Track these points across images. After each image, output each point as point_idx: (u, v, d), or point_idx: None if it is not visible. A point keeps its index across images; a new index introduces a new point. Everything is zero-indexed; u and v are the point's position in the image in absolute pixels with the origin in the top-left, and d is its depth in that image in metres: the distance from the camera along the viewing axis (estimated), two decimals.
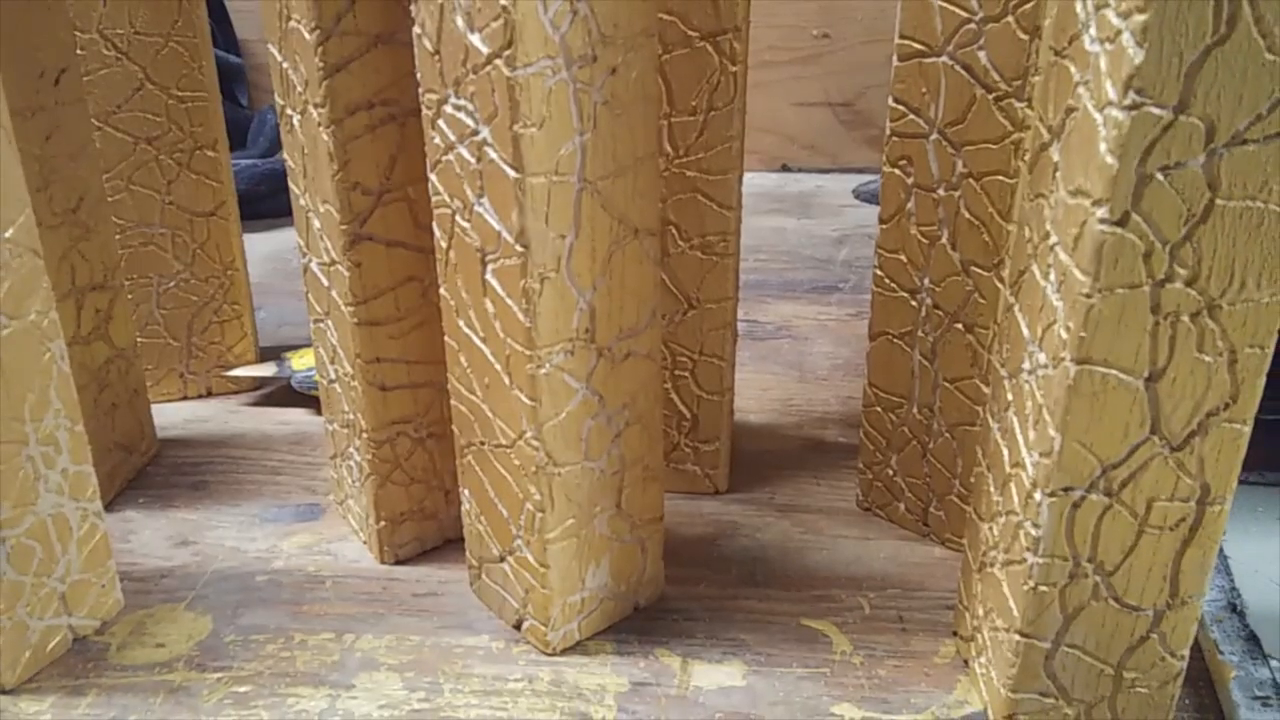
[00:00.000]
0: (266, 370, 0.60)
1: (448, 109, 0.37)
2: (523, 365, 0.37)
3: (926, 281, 0.46)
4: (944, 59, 0.43)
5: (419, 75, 0.38)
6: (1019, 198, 0.38)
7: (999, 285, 0.43)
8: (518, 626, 0.43)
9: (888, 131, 0.45)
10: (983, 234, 0.43)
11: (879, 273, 0.47)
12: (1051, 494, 0.34)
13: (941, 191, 0.44)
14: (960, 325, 0.45)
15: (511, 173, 0.35)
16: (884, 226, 0.46)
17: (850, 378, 0.63)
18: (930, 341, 0.46)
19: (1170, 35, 0.29)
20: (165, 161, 0.56)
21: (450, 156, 0.37)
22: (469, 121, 0.36)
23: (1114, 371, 0.32)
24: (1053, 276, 0.34)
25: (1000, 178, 0.42)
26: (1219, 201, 0.30)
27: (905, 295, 0.46)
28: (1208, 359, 0.32)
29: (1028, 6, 0.40)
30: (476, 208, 0.37)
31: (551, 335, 0.37)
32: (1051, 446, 0.34)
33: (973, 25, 0.42)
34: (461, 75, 0.35)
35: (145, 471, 0.54)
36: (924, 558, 0.48)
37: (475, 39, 0.34)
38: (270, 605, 0.45)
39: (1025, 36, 0.40)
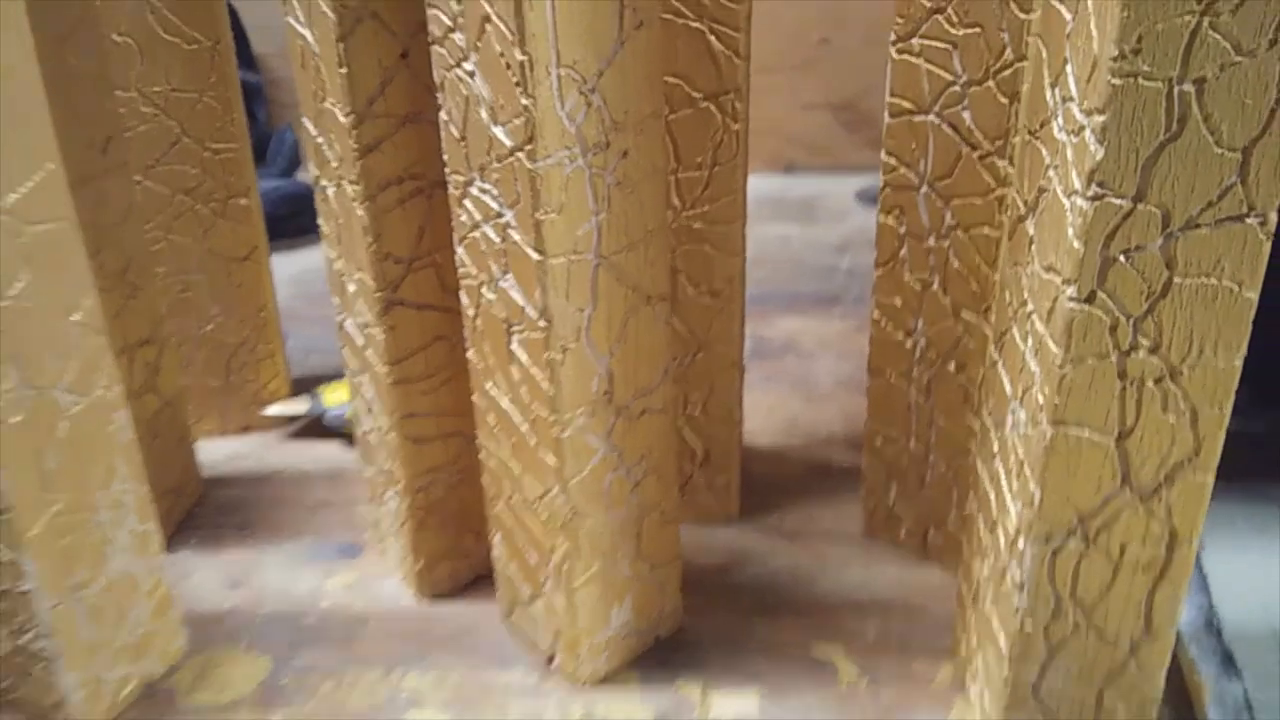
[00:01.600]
0: (300, 407, 0.63)
1: (473, 190, 0.40)
2: (548, 429, 0.41)
3: (920, 324, 0.49)
4: (931, 118, 0.46)
5: (445, 157, 0.41)
6: (1001, 262, 0.41)
7: (987, 330, 0.46)
8: (549, 661, 0.47)
9: (881, 183, 0.48)
10: (971, 283, 0.46)
11: (876, 314, 0.50)
12: (1033, 541, 0.37)
13: (932, 241, 0.47)
14: (952, 366, 0.48)
15: (534, 255, 0.38)
16: (879, 272, 0.49)
17: (852, 394, 0.66)
18: (925, 380, 0.49)
19: (1128, 134, 0.32)
20: (201, 211, 0.59)
21: (476, 234, 0.41)
22: (493, 204, 0.39)
23: (1087, 432, 0.36)
24: (1030, 342, 0.37)
25: (986, 229, 0.45)
26: (1176, 279, 0.33)
27: (901, 337, 0.50)
28: (1171, 419, 0.35)
29: (1007, 73, 0.43)
30: (501, 283, 0.40)
31: (574, 400, 0.40)
32: (1032, 499, 0.37)
33: (957, 88, 0.44)
34: (486, 162, 0.39)
35: (193, 512, 0.58)
36: (924, 581, 0.51)
37: (499, 131, 0.37)
38: (321, 645, 0.49)
39: (1005, 100, 0.43)
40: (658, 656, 0.47)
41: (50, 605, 0.42)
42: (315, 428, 0.64)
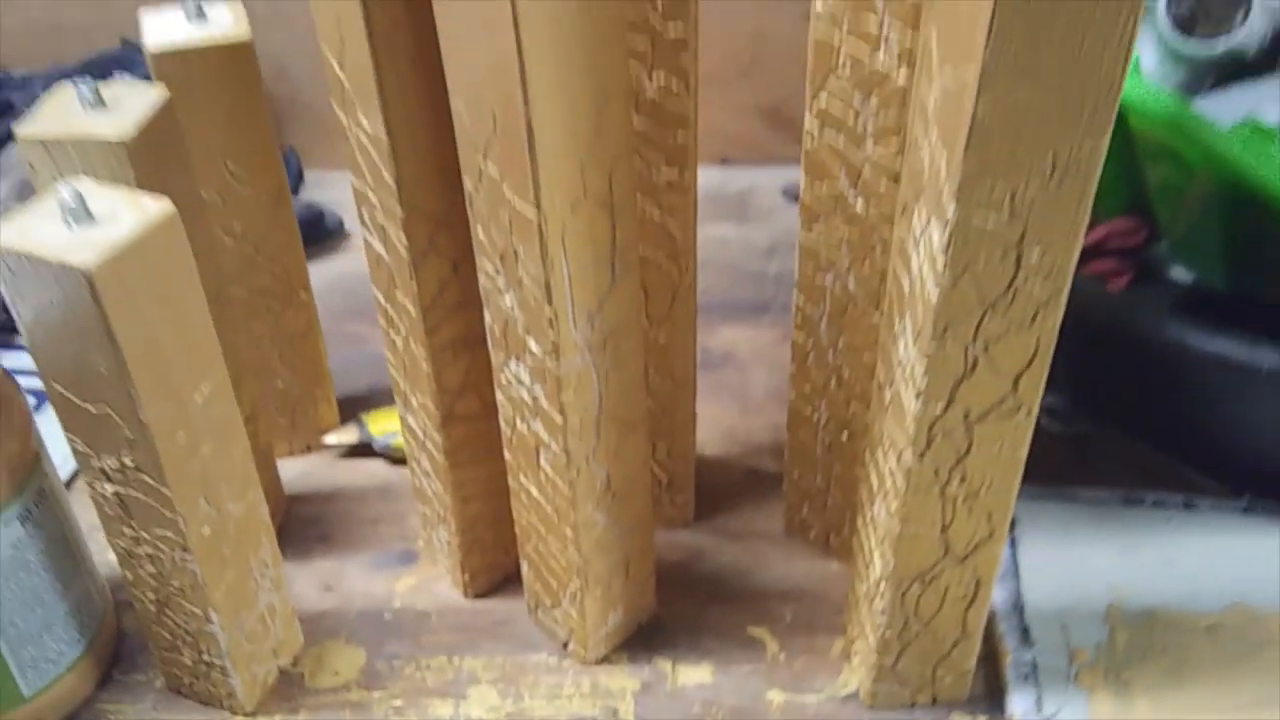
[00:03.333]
0: (352, 436, 0.81)
1: (509, 367, 0.57)
2: (566, 515, 0.60)
3: (823, 405, 0.68)
4: (828, 281, 0.63)
5: (489, 338, 0.58)
6: (873, 398, 0.60)
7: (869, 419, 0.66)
8: (565, 646, 0.67)
9: (794, 309, 0.66)
10: (857, 385, 0.65)
11: (792, 394, 0.69)
12: (890, 585, 0.58)
13: (830, 354, 0.66)
14: (845, 435, 0.68)
15: (557, 420, 0.56)
16: (793, 368, 0.68)
17: (777, 406, 0.85)
18: (827, 442, 0.69)
19: (940, 377, 0.50)
20: (273, 306, 0.75)
21: (511, 389, 0.58)
22: (525, 379, 0.57)
23: (922, 529, 0.56)
24: (886, 468, 0.57)
25: (866, 353, 0.64)
26: (974, 448, 0.53)
27: (809, 412, 0.69)
28: (975, 518, 0.56)
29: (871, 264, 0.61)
30: (532, 424, 0.58)
31: (585, 498, 0.59)
32: (888, 564, 0.57)
33: (844, 271, 0.62)
34: (520, 353, 0.56)
35: (284, 527, 0.77)
36: (826, 572, 0.72)
37: (530, 342, 0.55)
38: (400, 637, 0.69)
39: (876, 280, 0.61)
40: (641, 639, 0.68)
41: (226, 638, 0.61)
42: (363, 449, 0.82)
